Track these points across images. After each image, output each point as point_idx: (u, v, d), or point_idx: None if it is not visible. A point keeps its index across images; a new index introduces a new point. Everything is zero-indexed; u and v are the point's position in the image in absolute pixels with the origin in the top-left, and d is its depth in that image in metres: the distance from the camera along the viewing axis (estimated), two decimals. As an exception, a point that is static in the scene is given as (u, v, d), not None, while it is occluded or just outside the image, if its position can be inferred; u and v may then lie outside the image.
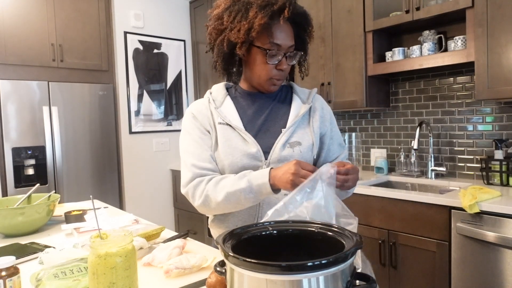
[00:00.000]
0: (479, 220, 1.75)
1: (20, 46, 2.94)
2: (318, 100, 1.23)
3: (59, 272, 0.90)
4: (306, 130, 1.16)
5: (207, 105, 1.19)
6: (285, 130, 1.13)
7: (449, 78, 2.43)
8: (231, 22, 1.07)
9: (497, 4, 1.89)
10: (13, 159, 2.88)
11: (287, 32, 1.09)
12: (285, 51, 1.09)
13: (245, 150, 1.10)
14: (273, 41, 1.07)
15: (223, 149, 1.11)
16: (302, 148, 1.13)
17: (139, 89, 3.59)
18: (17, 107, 2.90)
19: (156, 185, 3.70)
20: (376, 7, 2.43)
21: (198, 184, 1.09)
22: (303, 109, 1.17)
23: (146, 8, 3.62)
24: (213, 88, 1.23)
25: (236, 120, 1.15)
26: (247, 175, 1.03)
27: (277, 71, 1.11)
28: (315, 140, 1.16)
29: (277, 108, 1.19)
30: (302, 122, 1.17)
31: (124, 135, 3.48)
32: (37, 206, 1.43)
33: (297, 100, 1.21)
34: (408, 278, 2.03)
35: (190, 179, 1.10)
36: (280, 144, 1.11)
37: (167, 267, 1.00)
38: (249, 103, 1.19)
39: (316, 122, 1.18)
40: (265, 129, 1.15)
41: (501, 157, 2.09)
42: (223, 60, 1.13)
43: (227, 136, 1.12)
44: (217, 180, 1.07)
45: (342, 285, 0.60)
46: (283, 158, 1.10)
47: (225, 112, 1.16)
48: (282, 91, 1.24)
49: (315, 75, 2.72)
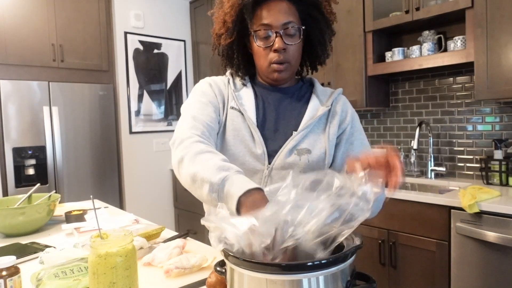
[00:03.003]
0: (479, 220, 1.75)
1: (20, 46, 2.94)
2: (340, 102, 1.09)
3: (59, 272, 0.90)
4: (320, 136, 1.03)
5: (226, 84, 1.10)
6: (295, 134, 1.02)
7: (448, 78, 2.43)
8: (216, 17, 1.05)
9: (496, 4, 1.89)
10: (13, 159, 2.88)
11: (278, 9, 0.98)
12: (277, 29, 0.98)
13: (250, 148, 1.01)
14: (262, 22, 0.98)
15: (228, 136, 1.02)
16: (310, 157, 1.00)
17: (139, 89, 3.59)
18: (17, 107, 2.90)
19: (156, 185, 3.70)
20: (376, 7, 2.43)
21: (186, 138, 0.91)
22: (320, 112, 1.04)
23: (146, 8, 3.62)
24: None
25: (251, 111, 1.04)
26: (227, 172, 0.80)
27: (274, 53, 0.99)
28: (328, 148, 1.02)
29: (292, 106, 1.07)
30: (317, 126, 1.04)
31: (124, 135, 3.49)
32: (38, 206, 1.43)
33: (315, 100, 1.08)
34: (407, 278, 2.03)
35: (184, 128, 0.95)
36: (286, 150, 1.00)
37: (167, 267, 1.00)
38: (264, 96, 1.09)
39: (333, 128, 1.04)
40: (275, 129, 1.05)
41: (501, 157, 2.09)
42: (227, 58, 1.08)
43: (236, 125, 1.03)
44: (202, 149, 0.87)
45: (342, 285, 0.60)
46: (287, 166, 1.00)
47: (243, 98, 1.06)
48: (302, 88, 1.12)
49: (315, 75, 2.72)
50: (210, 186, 0.80)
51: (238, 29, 1.03)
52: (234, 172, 0.81)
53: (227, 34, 1.04)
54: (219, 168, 0.81)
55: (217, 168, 0.81)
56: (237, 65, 1.10)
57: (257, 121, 1.04)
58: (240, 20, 1.02)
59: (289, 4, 0.99)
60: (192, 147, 0.88)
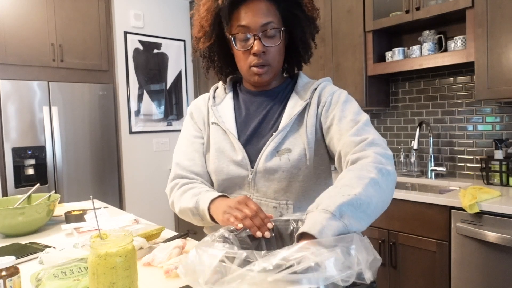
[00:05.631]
0: (479, 220, 1.75)
1: (20, 46, 2.94)
2: (318, 91, 1.02)
3: (59, 272, 0.90)
4: (300, 132, 0.99)
5: (206, 102, 1.13)
6: (274, 135, 0.99)
7: (449, 78, 2.43)
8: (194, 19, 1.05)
9: (497, 4, 1.89)
10: (13, 159, 2.88)
11: (256, 9, 0.94)
12: (255, 32, 0.94)
13: (232, 157, 1.02)
14: (240, 23, 0.95)
15: (211, 152, 1.06)
16: (291, 156, 0.97)
17: (139, 89, 3.59)
18: (17, 107, 2.90)
19: (156, 185, 3.70)
20: (376, 7, 2.43)
21: (174, 186, 1.06)
22: (298, 108, 1.00)
23: (146, 8, 3.61)
24: (227, 79, 1.14)
25: (230, 122, 1.05)
26: (199, 195, 0.96)
27: (253, 56, 0.96)
28: (307, 143, 0.98)
29: (274, 108, 1.05)
30: (296, 123, 1.00)
31: (124, 135, 3.48)
32: (37, 206, 1.43)
33: (295, 97, 1.04)
34: (408, 278, 2.03)
35: (171, 178, 1.08)
36: (267, 152, 0.98)
37: (167, 267, 1.00)
38: (248, 103, 1.08)
39: (311, 119, 0.99)
40: (257, 133, 1.03)
41: (501, 157, 2.09)
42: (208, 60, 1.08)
43: (217, 139, 1.05)
44: (185, 189, 1.02)
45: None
46: (268, 168, 0.98)
47: (221, 111, 1.08)
48: (288, 87, 1.08)
49: (315, 75, 2.72)
50: (191, 211, 0.97)
51: (217, 32, 1.02)
52: (204, 192, 0.96)
53: (205, 37, 1.03)
54: (193, 195, 0.98)
55: (192, 196, 0.98)
56: (219, 67, 1.09)
57: (237, 129, 1.05)
58: (218, 23, 1.01)
59: (268, 3, 0.95)
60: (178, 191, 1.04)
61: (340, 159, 0.93)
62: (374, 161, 0.81)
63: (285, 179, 0.99)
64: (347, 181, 0.75)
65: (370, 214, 0.72)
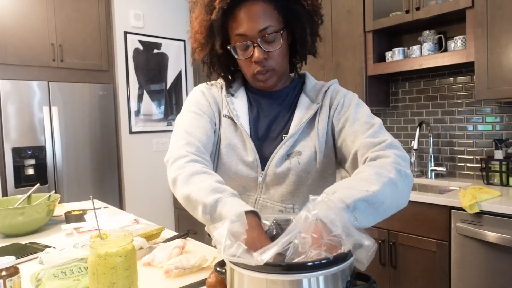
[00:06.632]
0: (479, 220, 1.75)
1: (20, 46, 2.94)
2: (329, 94, 1.00)
3: (59, 272, 0.90)
4: (311, 135, 0.98)
5: (219, 90, 1.06)
6: (286, 139, 0.97)
7: (449, 78, 2.43)
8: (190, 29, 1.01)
9: (497, 4, 1.89)
10: (13, 159, 2.88)
11: (252, 14, 0.89)
12: (253, 39, 0.91)
13: (242, 156, 0.98)
14: (237, 32, 0.91)
15: (221, 146, 1.00)
16: (301, 159, 0.96)
17: (139, 89, 3.59)
18: (17, 107, 2.90)
19: (156, 185, 3.70)
20: (376, 7, 2.43)
21: (179, 157, 0.89)
22: (310, 112, 0.98)
23: (146, 8, 3.61)
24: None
25: (244, 118, 1.01)
26: (222, 195, 0.79)
27: (255, 64, 0.93)
28: (318, 146, 0.96)
29: (284, 110, 1.03)
30: (308, 126, 0.99)
31: (124, 135, 3.48)
32: (37, 206, 1.43)
33: (304, 99, 1.02)
34: (408, 278, 2.03)
35: (177, 145, 0.92)
36: (278, 156, 0.97)
37: (167, 267, 0.99)
38: (258, 101, 1.05)
39: (323, 122, 0.98)
40: (267, 135, 1.01)
41: (501, 157, 2.09)
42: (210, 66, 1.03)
43: (228, 134, 1.00)
44: (197, 170, 0.86)
45: (342, 285, 0.60)
46: (279, 172, 0.96)
47: (236, 104, 1.02)
48: (296, 88, 1.06)
49: (315, 75, 2.71)
50: (203, 207, 0.79)
51: (213, 41, 0.98)
52: (227, 194, 0.79)
53: (201, 50, 1.00)
54: (213, 190, 0.80)
55: (211, 190, 0.80)
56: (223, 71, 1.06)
57: (250, 128, 1.01)
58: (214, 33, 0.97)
59: (264, 5, 0.90)
60: (186, 167, 0.87)
61: (356, 159, 0.91)
62: (394, 161, 0.81)
63: (294, 182, 0.98)
64: (367, 176, 0.76)
65: (381, 213, 0.73)
